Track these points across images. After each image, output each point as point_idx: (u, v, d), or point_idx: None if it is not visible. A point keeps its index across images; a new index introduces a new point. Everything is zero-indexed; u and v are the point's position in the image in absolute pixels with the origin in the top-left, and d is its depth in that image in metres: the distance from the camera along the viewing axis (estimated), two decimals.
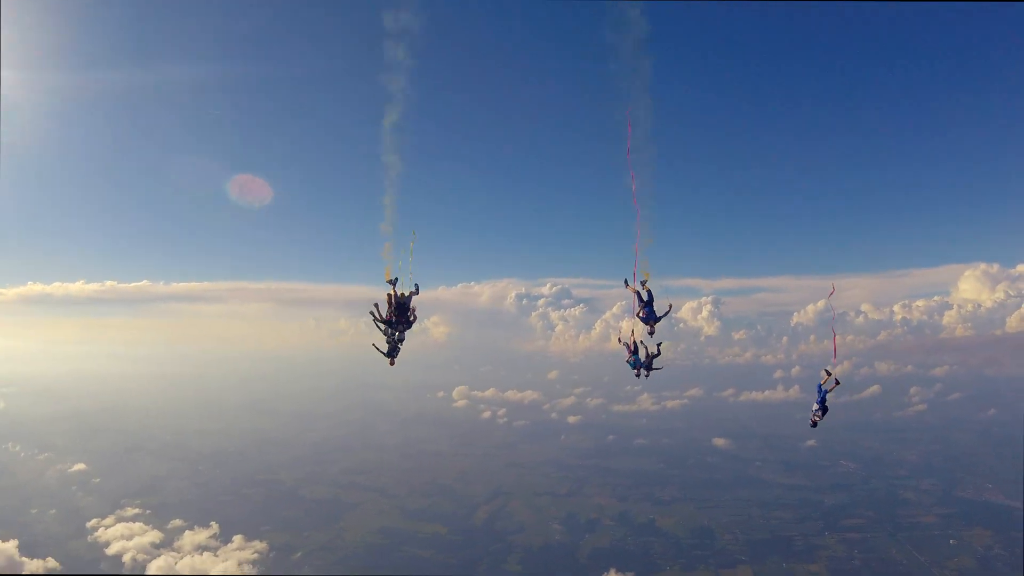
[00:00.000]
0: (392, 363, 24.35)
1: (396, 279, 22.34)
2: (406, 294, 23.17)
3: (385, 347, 24.30)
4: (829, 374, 24.64)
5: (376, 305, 22.84)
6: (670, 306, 24.83)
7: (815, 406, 25.41)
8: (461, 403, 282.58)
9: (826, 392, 24.96)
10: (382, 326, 23.18)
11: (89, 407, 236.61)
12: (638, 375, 26.38)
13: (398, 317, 23.01)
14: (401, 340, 23.61)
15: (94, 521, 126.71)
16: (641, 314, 24.78)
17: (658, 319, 24.77)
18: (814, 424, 25.62)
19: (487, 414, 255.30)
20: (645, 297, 24.61)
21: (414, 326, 24.72)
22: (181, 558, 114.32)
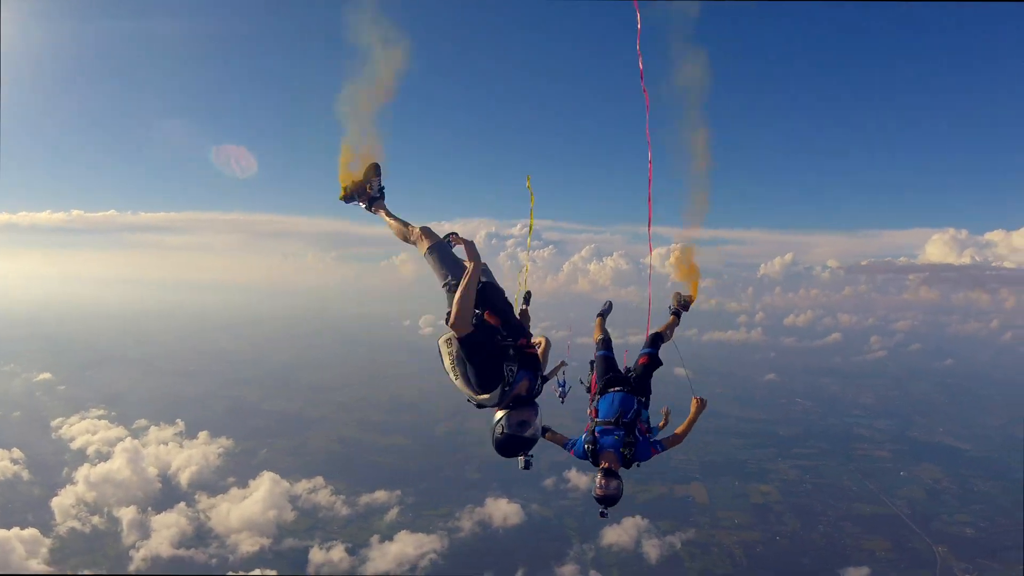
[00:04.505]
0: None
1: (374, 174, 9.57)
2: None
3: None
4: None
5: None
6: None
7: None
8: (427, 331, 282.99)
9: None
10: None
11: (55, 327, 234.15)
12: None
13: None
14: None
15: (58, 420, 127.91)
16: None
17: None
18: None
19: None
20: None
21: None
22: (145, 447, 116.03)
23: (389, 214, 9.16)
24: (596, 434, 9.77)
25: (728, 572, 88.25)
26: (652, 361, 10.62)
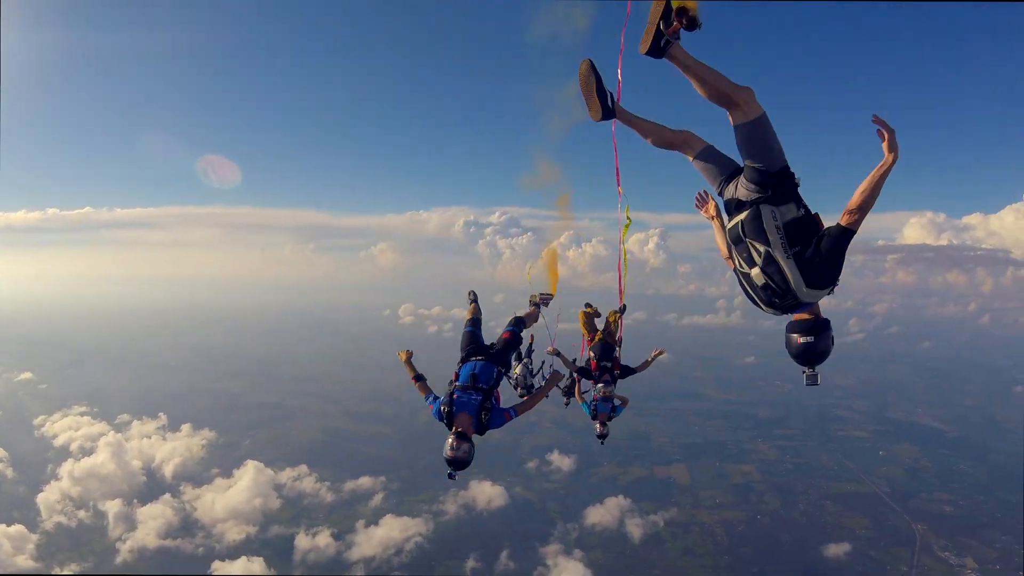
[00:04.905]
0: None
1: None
2: None
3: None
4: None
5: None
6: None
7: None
8: (407, 320, 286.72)
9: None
10: None
11: (34, 327, 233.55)
12: (602, 436, 14.24)
13: None
14: None
15: (41, 418, 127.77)
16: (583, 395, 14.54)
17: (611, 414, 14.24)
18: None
19: (433, 328, 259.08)
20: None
21: None
22: (128, 441, 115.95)
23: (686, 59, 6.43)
24: (453, 396, 9.59)
25: (710, 551, 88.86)
26: (513, 337, 11.34)
